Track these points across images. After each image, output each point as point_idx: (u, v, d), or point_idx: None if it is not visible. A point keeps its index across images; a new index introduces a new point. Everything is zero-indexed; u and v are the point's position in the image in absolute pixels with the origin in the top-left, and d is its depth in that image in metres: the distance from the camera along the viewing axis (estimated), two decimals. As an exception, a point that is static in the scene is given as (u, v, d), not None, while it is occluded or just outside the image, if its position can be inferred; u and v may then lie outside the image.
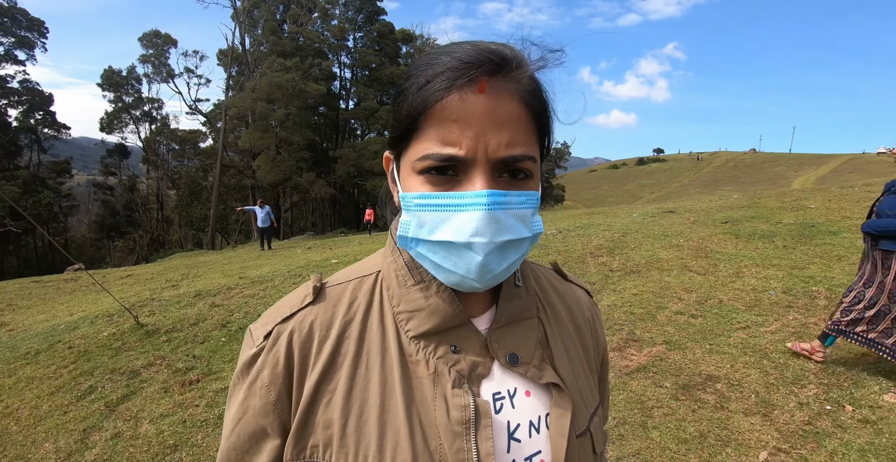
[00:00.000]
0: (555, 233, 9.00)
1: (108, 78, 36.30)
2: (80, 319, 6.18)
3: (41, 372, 4.55)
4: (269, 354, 0.63)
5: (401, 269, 0.66)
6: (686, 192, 51.23)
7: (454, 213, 0.54)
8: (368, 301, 0.66)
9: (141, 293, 7.78)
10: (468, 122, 0.53)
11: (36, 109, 32.88)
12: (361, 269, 0.71)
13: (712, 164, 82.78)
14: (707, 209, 10.62)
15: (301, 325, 0.63)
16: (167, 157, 38.53)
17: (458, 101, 0.53)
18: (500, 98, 0.54)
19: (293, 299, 0.67)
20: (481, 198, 0.53)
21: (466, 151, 0.53)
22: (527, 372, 0.64)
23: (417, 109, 0.55)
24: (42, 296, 9.91)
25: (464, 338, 0.63)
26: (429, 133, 0.55)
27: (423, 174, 0.56)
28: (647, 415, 3.13)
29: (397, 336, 0.63)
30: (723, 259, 6.41)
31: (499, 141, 0.54)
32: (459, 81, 0.53)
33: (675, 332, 4.36)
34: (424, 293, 0.63)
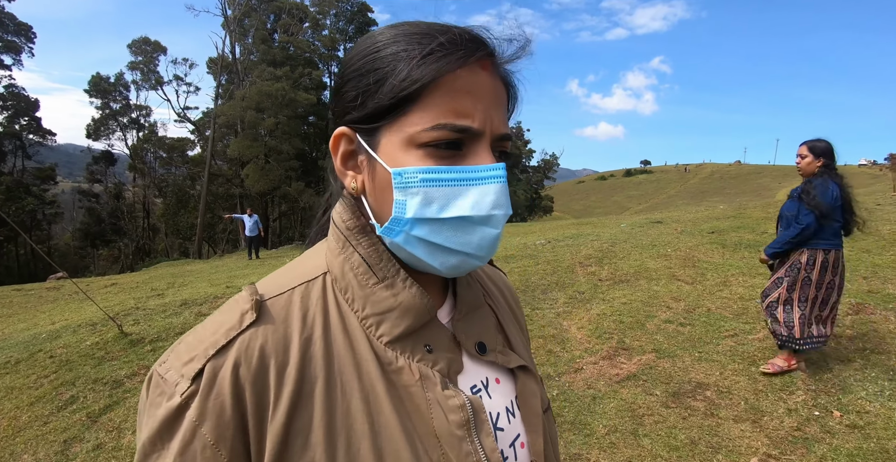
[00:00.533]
0: (544, 243, 9.04)
1: (96, 84, 36.03)
2: (63, 328, 6.06)
3: (21, 382, 4.44)
4: (208, 402, 0.48)
5: (358, 266, 0.57)
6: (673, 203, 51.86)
7: (468, 188, 0.51)
8: (324, 310, 0.56)
9: (125, 302, 7.66)
10: (479, 95, 0.52)
11: (21, 115, 32.49)
12: (301, 272, 0.59)
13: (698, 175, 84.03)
14: (694, 220, 10.75)
15: (248, 354, 0.50)
16: (154, 164, 38.20)
17: (470, 74, 0.52)
18: (496, 79, 0.55)
19: (225, 322, 0.53)
20: (498, 170, 0.52)
21: (479, 124, 0.52)
22: (496, 359, 0.63)
23: (424, 78, 0.50)
24: (23, 304, 9.72)
25: (434, 334, 0.59)
26: (437, 103, 0.51)
27: (426, 148, 0.51)
28: (638, 423, 3.13)
29: (369, 345, 0.55)
30: (710, 268, 6.47)
31: (499, 118, 0.54)
32: (472, 57, 0.51)
33: (664, 340, 4.38)
34: (391, 291, 0.56)
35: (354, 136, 0.56)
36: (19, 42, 31.77)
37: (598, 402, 3.38)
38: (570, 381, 3.71)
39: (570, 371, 3.88)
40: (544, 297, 5.81)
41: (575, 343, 4.44)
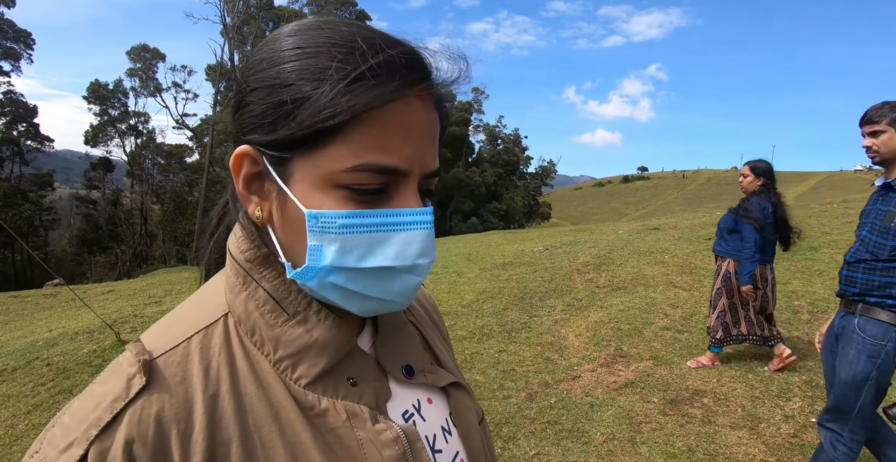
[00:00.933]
0: (541, 250, 9.06)
1: (95, 91, 36.07)
2: (60, 336, 6.04)
3: (18, 390, 4.42)
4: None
5: (264, 304, 0.50)
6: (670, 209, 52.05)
7: (391, 234, 0.46)
8: (229, 359, 0.48)
9: (123, 309, 7.65)
10: (411, 130, 0.46)
11: (19, 121, 32.49)
12: (197, 317, 0.51)
13: (695, 181, 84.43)
14: (691, 226, 10.79)
15: (142, 428, 0.42)
16: (152, 171, 38.21)
17: (405, 105, 0.45)
18: (430, 108, 0.48)
19: (109, 393, 0.44)
20: (425, 214, 0.47)
21: (407, 164, 0.46)
22: (425, 379, 0.59)
23: (352, 110, 0.43)
24: (20, 311, 9.68)
25: (357, 365, 0.54)
26: (361, 139, 0.44)
27: (346, 189, 0.45)
28: (636, 430, 3.14)
29: (286, 391, 0.49)
30: (707, 275, 6.49)
31: (430, 154, 0.49)
32: (410, 88, 0.45)
33: (661, 347, 4.39)
34: (305, 326, 0.50)
35: (261, 159, 0.48)
36: (18, 48, 31.83)
37: (596, 410, 3.39)
38: (567, 389, 3.71)
39: (568, 378, 3.89)
40: (542, 305, 5.82)
41: (573, 350, 4.45)
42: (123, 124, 37.57)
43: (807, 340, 4.30)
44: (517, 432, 3.15)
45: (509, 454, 2.93)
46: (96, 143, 36.89)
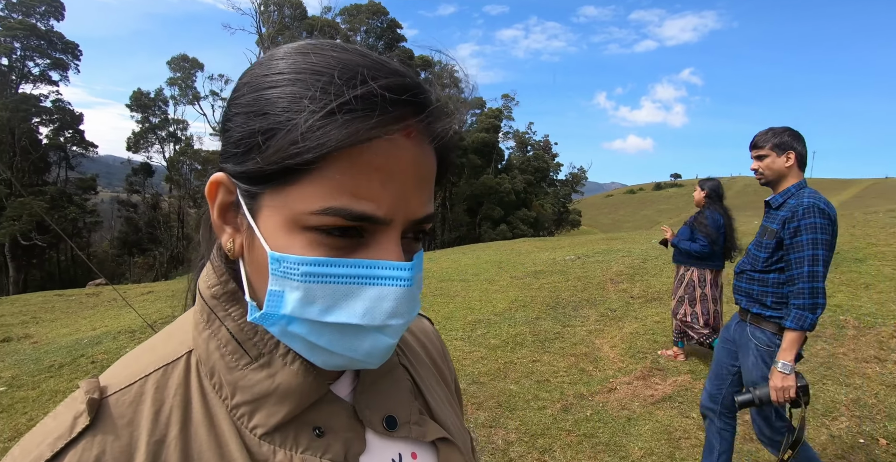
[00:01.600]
0: (573, 258, 8.97)
1: (137, 99, 37.47)
2: (103, 334, 6.28)
3: (64, 385, 4.61)
4: None
5: (225, 344, 0.46)
6: (704, 218, 50.79)
7: (362, 288, 0.41)
8: (184, 402, 0.45)
9: (162, 310, 7.89)
10: (392, 173, 0.40)
11: (66, 128, 33.92)
12: (160, 353, 0.48)
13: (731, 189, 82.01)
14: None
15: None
16: (190, 176, 39.37)
17: (387, 145, 0.40)
18: (422, 148, 0.43)
19: (53, 430, 0.42)
20: (404, 271, 0.41)
21: (386, 211, 0.41)
22: (409, 433, 0.53)
23: (322, 147, 0.38)
24: (65, 309, 10.08)
25: (327, 413, 0.49)
26: (333, 178, 0.39)
27: (314, 232, 0.41)
28: (675, 446, 3.07)
29: (240, 440, 0.45)
30: (746, 287, 6.32)
31: (419, 200, 0.43)
32: (393, 125, 0.40)
33: (699, 361, 4.29)
34: (267, 371, 0.46)
35: (234, 189, 0.44)
36: (66, 59, 33.35)
37: (633, 424, 3.33)
38: (603, 401, 3.66)
39: (604, 391, 3.83)
40: (575, 314, 5.76)
41: (608, 362, 4.39)
42: (163, 131, 38.88)
43: (853, 357, 4.14)
44: (553, 444, 3.12)
45: (545, 466, 2.90)
46: (138, 150, 38.25)
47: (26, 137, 30.15)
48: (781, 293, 2.16)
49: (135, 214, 38.08)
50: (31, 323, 8.60)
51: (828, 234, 2.03)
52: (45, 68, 32.72)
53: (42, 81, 32.76)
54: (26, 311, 9.87)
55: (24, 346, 6.49)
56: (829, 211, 2.07)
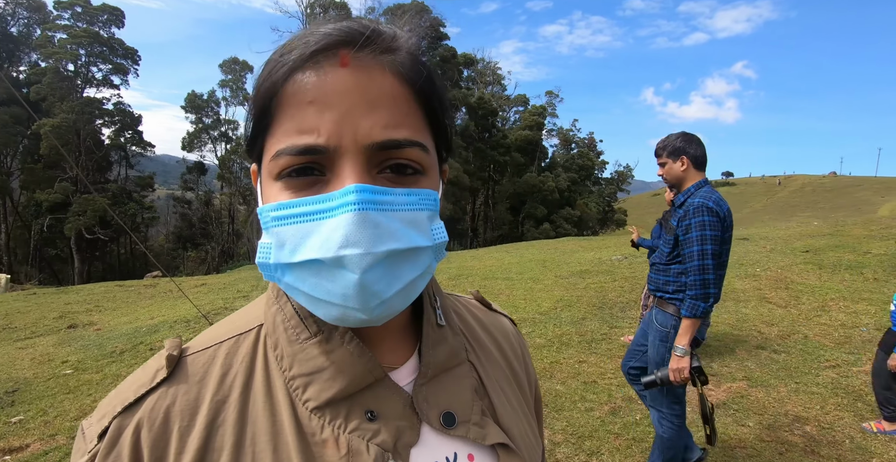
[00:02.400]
0: (620, 258, 8.76)
1: (191, 101, 39.10)
2: (161, 323, 6.59)
3: (126, 370, 4.86)
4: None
5: (289, 318, 0.49)
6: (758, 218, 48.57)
7: (319, 222, 0.41)
8: (249, 368, 0.49)
9: (214, 302, 8.21)
10: (328, 101, 0.41)
11: (126, 129, 35.76)
12: (237, 324, 0.53)
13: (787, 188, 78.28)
14: (785, 237, 10.02)
15: (153, 415, 0.45)
16: (240, 174, 40.80)
17: (314, 78, 0.41)
18: (369, 72, 0.42)
19: (139, 378, 0.48)
20: (349, 195, 0.40)
21: (328, 138, 0.41)
22: (467, 433, 0.51)
23: (266, 95, 0.43)
24: (125, 299, 10.63)
25: (382, 399, 0.49)
26: (281, 124, 0.42)
27: (282, 179, 0.43)
28: (730, 455, 2.94)
29: (292, 410, 0.47)
30: (805, 291, 6.01)
31: (372, 122, 0.41)
32: (317, 55, 0.41)
33: (756, 367, 4.11)
34: (324, 347, 0.48)
35: (256, 172, 0.49)
36: (126, 64, 35.14)
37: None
38: (653, 405, 3.55)
39: (653, 394, 3.72)
40: (623, 316, 5.62)
41: (657, 365, 4.26)
42: (215, 131, 40.41)
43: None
44: (601, 447, 3.05)
45: (592, 469, 2.84)
46: (192, 149, 39.93)
47: (90, 138, 31.99)
48: (680, 282, 2.38)
49: (189, 211, 39.80)
50: (94, 311, 9.13)
51: (716, 231, 2.21)
52: (107, 73, 34.59)
53: (104, 85, 34.66)
54: (90, 300, 10.48)
55: (88, 332, 6.89)
56: (718, 209, 2.25)
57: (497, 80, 44.79)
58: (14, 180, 32.25)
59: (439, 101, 0.48)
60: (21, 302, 10.50)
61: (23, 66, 34.39)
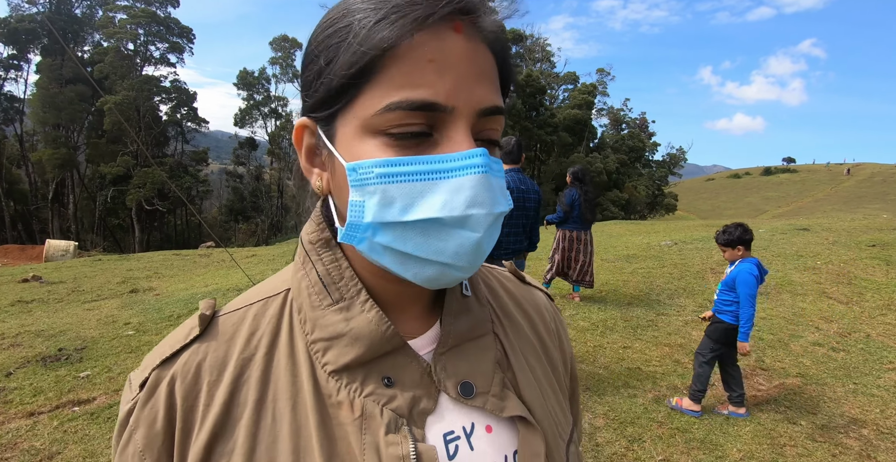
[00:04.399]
0: (669, 244, 8.49)
1: (243, 78, 40.01)
2: (214, 291, 6.90)
3: (183, 336, 5.14)
4: (145, 410, 0.48)
5: (313, 285, 0.51)
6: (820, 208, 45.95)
7: (437, 182, 0.41)
8: (274, 330, 0.51)
9: (265, 272, 8.51)
10: (447, 64, 0.41)
11: (182, 106, 37.08)
12: (266, 288, 0.55)
13: (854, 177, 73.47)
14: (849, 229, 9.43)
15: (185, 369, 0.49)
16: (289, 150, 41.68)
17: (434, 39, 0.41)
18: (475, 42, 0.43)
19: (177, 336, 0.52)
20: (476, 157, 0.41)
21: (446, 97, 0.41)
22: (485, 404, 0.51)
23: (375, 47, 0.40)
24: (181, 267, 11.19)
25: (400, 366, 0.50)
26: (391, 78, 0.41)
27: (385, 135, 0.42)
28: (779, 452, 2.85)
29: (311, 372, 0.49)
30: (870, 288, 5.67)
31: (483, 90, 0.43)
32: (432, 16, 0.40)
33: (811, 365, 3.93)
34: (344, 314, 0.49)
35: (315, 128, 0.48)
36: (182, 43, 36.27)
37: (732, 424, 3.12)
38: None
39: (700, 386, 3.63)
40: (670, 303, 5.47)
41: (705, 356, 4.14)
42: (266, 108, 41.34)
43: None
44: (643, 434, 3.00)
45: (634, 455, 2.81)
46: (243, 125, 41.04)
47: (149, 114, 33.39)
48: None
49: (240, 184, 41.18)
50: (153, 277, 9.65)
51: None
52: (164, 52, 35.81)
53: (161, 63, 35.95)
54: (150, 267, 11.08)
55: (148, 297, 7.30)
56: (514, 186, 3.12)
57: (546, 57, 43.63)
58: (80, 154, 34.16)
59: (513, 76, 0.49)
60: (88, 267, 11.22)
61: (87, 47, 35.98)
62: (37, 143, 34.62)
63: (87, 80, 26.56)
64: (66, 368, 4.26)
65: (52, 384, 3.92)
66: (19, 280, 9.09)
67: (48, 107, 30.89)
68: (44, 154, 31.22)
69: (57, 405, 3.56)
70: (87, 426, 3.27)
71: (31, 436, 3.16)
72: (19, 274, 9.96)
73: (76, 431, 3.21)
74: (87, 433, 3.18)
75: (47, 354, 4.54)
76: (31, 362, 4.37)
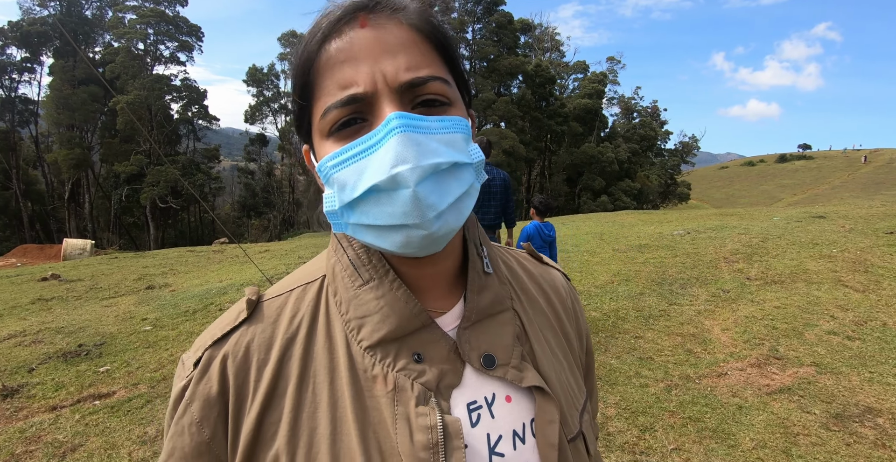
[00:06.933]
0: (682, 233, 8.42)
1: (252, 75, 40.14)
2: (228, 286, 6.99)
3: (198, 328, 5.22)
4: (200, 385, 0.54)
5: (346, 268, 0.57)
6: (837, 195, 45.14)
7: (370, 156, 0.46)
8: (313, 312, 0.57)
9: (277, 267, 8.60)
10: (356, 57, 0.48)
11: (193, 103, 37.31)
12: (304, 275, 0.62)
13: (872, 163, 71.99)
14: (866, 216, 9.26)
15: (236, 349, 0.55)
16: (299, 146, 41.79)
17: (341, 42, 0.48)
18: (385, 27, 0.49)
19: (226, 319, 0.58)
20: (391, 122, 0.45)
21: (364, 85, 0.47)
22: (505, 374, 0.55)
23: (304, 69, 0.50)
24: (196, 263, 11.33)
25: (428, 342, 0.54)
26: (323, 87, 0.49)
27: (332, 136, 0.49)
28: (792, 442, 2.83)
29: (347, 349, 0.54)
30: (888, 276, 5.57)
31: (396, 66, 0.48)
32: (340, 24, 0.49)
33: (826, 353, 3.89)
34: (375, 293, 0.54)
35: (308, 151, 0.57)
36: (191, 41, 36.44)
37: (745, 413, 3.11)
38: (711, 386, 3.45)
39: (713, 375, 3.61)
40: (683, 292, 5.43)
41: (718, 345, 4.11)
42: (276, 103, 41.47)
43: None
44: (655, 424, 3.01)
45: (645, 444, 2.81)
46: (254, 121, 41.23)
47: (161, 113, 33.67)
48: None
49: (252, 181, 41.46)
50: (169, 274, 9.80)
51: None
52: (173, 50, 36.01)
53: (172, 62, 36.16)
54: (165, 264, 11.24)
55: (164, 293, 7.42)
56: None
57: (555, 47, 43.19)
58: (94, 154, 34.60)
59: (452, 48, 0.53)
60: (105, 265, 11.41)
61: (98, 47, 36.31)
62: (52, 144, 35.13)
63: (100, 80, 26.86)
64: (86, 363, 4.36)
65: (73, 379, 4.01)
66: (39, 279, 9.29)
67: (62, 108, 31.30)
68: (59, 155, 31.69)
69: (78, 399, 3.65)
70: (107, 419, 3.35)
71: (53, 429, 3.24)
72: (39, 273, 10.18)
73: (97, 424, 3.29)
74: (107, 426, 3.26)
75: (68, 350, 4.65)
76: (53, 358, 4.48)
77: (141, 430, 3.20)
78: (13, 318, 6.32)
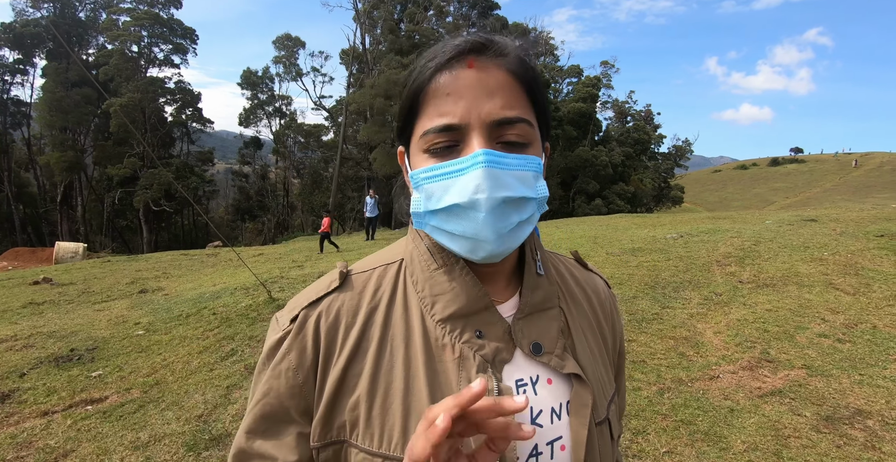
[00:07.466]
0: (675, 236, 8.46)
1: (247, 78, 40.10)
2: (222, 290, 6.95)
3: (191, 333, 5.19)
4: (297, 338, 0.64)
5: (423, 253, 0.67)
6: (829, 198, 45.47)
7: (457, 178, 0.57)
8: (393, 288, 0.68)
9: (271, 271, 8.56)
10: (459, 93, 0.58)
11: (187, 106, 37.23)
12: (385, 257, 0.73)
13: (863, 166, 72.59)
14: (857, 219, 9.35)
15: (328, 311, 0.65)
16: (294, 148, 41.81)
17: (449, 77, 0.58)
18: (488, 70, 0.59)
19: (319, 285, 0.69)
20: (478, 157, 0.56)
21: (460, 118, 0.57)
22: (549, 361, 0.65)
23: (415, 92, 0.61)
24: (190, 267, 11.27)
25: (488, 323, 0.64)
26: (427, 112, 0.60)
27: (428, 152, 0.60)
28: (783, 444, 2.86)
29: (422, 321, 0.64)
30: (878, 279, 5.62)
31: (492, 106, 0.57)
32: (451, 61, 0.58)
33: (817, 356, 3.92)
34: (448, 276, 0.65)
35: (403, 152, 0.68)
36: (185, 44, 36.32)
37: (737, 416, 3.14)
38: (703, 389, 3.47)
39: (705, 378, 3.63)
40: (676, 296, 5.46)
41: (711, 348, 4.14)
42: (270, 107, 41.42)
43: None
44: (647, 427, 3.02)
45: (638, 448, 2.83)
46: (248, 124, 41.19)
47: (154, 116, 33.56)
48: None
49: (246, 184, 41.35)
50: (162, 277, 9.74)
51: None
52: (168, 53, 35.90)
53: (166, 65, 36.03)
54: (158, 268, 11.17)
55: (157, 297, 7.38)
56: None
57: (550, 51, 43.28)
58: (87, 157, 34.40)
59: (540, 90, 0.63)
60: (97, 269, 11.33)
61: (91, 50, 36.16)
62: (44, 146, 34.92)
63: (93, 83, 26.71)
64: (78, 368, 4.33)
65: (65, 384, 3.99)
66: (30, 282, 9.21)
67: (55, 110, 31.12)
68: (51, 157, 31.48)
69: (70, 404, 3.63)
70: (99, 424, 3.33)
71: (45, 434, 3.22)
72: (30, 276, 10.10)
73: (89, 430, 3.27)
74: (100, 431, 3.24)
75: (59, 355, 4.61)
76: (44, 363, 4.44)
77: (133, 436, 3.18)
78: (4, 323, 6.27)
